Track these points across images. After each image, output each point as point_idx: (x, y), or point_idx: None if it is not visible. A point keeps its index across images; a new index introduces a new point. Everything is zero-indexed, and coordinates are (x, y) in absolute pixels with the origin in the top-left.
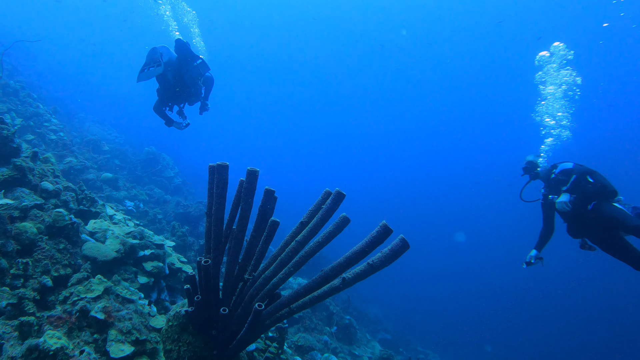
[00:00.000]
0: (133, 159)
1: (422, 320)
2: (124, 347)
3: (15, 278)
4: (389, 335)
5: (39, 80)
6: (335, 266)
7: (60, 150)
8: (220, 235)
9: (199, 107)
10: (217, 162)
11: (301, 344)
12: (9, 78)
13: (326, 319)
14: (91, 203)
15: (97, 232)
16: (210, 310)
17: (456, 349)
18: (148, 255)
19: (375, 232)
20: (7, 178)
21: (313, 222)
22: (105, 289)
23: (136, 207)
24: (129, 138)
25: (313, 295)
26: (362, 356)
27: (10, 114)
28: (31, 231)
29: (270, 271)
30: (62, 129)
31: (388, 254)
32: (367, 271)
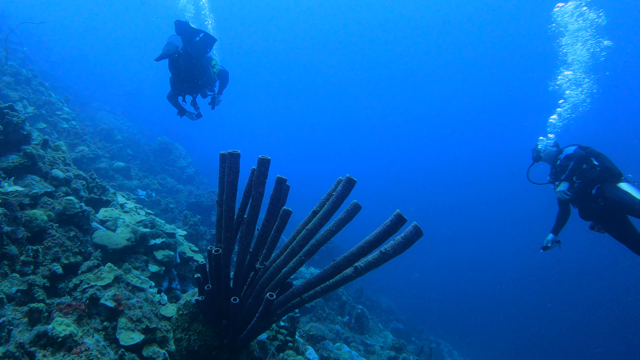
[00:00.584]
0: (146, 148)
1: (435, 310)
2: (134, 335)
3: (25, 265)
4: (401, 324)
5: (52, 69)
6: (347, 256)
7: (72, 139)
8: (231, 224)
9: (211, 100)
10: (229, 150)
11: (313, 334)
12: (22, 66)
13: (338, 309)
14: (102, 191)
15: (107, 221)
16: (220, 300)
17: (468, 339)
18: (159, 244)
19: (388, 221)
20: (18, 165)
21: (324, 209)
22: (116, 277)
23: (148, 197)
24: (142, 128)
25: (325, 284)
26: (374, 345)
27: (22, 102)
28: (41, 218)
29: (281, 260)
30: (74, 118)
31: (401, 241)
32: (380, 259)
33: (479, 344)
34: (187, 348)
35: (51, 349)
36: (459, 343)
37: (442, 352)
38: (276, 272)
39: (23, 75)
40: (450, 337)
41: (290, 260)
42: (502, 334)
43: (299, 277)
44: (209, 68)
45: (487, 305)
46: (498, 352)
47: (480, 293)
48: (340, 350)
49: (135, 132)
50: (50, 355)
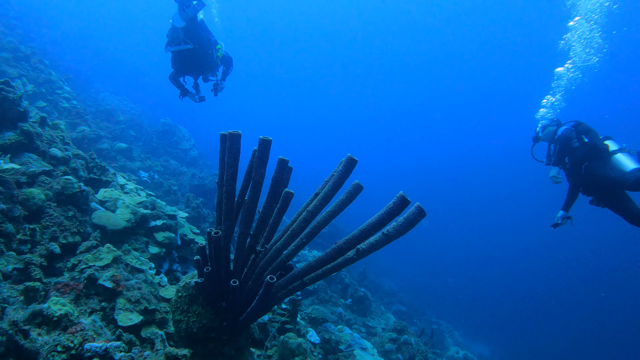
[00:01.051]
0: (149, 130)
1: (437, 292)
2: (132, 316)
3: (22, 243)
4: (403, 307)
5: (53, 48)
6: (349, 239)
7: (72, 119)
8: (231, 206)
9: (213, 87)
10: (229, 130)
11: (315, 316)
12: (20, 43)
13: (341, 291)
14: (102, 171)
15: (107, 201)
16: (220, 282)
17: (469, 321)
18: (159, 225)
19: (391, 204)
20: (14, 143)
21: (324, 190)
22: (115, 258)
23: (151, 178)
24: (145, 109)
25: (326, 267)
26: (376, 327)
27: (21, 79)
28: (39, 197)
29: (281, 243)
30: (75, 97)
31: (403, 222)
32: (382, 241)
33: (479, 326)
34: (186, 330)
35: (46, 328)
36: (459, 324)
37: (443, 332)
38: (277, 254)
39: (22, 52)
40: (451, 319)
41: (291, 243)
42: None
43: (301, 261)
44: (213, 47)
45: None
46: (500, 334)
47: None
48: (342, 332)
49: (138, 114)
50: (45, 334)
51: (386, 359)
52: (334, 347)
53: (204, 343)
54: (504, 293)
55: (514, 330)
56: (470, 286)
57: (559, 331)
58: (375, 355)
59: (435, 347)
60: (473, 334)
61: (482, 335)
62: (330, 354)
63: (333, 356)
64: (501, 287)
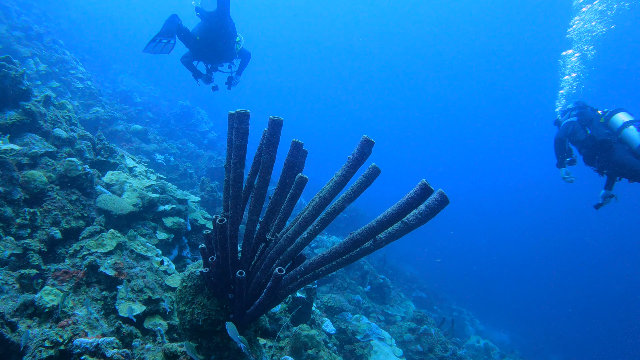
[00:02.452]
0: (167, 112)
1: (459, 278)
2: (134, 306)
3: (21, 228)
4: (424, 293)
5: (70, 28)
6: (365, 230)
7: (86, 99)
8: (239, 191)
9: (228, 80)
10: (237, 109)
11: (331, 305)
12: (35, 23)
13: (360, 278)
14: (109, 153)
15: (114, 184)
16: (226, 272)
17: (490, 307)
18: (168, 210)
19: (413, 192)
20: (16, 122)
21: (338, 175)
22: (118, 244)
23: (166, 161)
24: (165, 91)
25: (342, 258)
26: (395, 315)
27: (33, 59)
28: (40, 180)
29: (292, 231)
30: (89, 78)
31: (425, 210)
32: (402, 230)
33: (500, 312)
34: (191, 322)
35: (38, 320)
36: (480, 311)
37: (464, 320)
38: (287, 244)
39: (35, 31)
40: (472, 305)
41: (303, 231)
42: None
43: (320, 246)
44: (234, 38)
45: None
46: (520, 321)
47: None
48: (359, 321)
49: (157, 96)
50: (36, 326)
51: (405, 350)
52: (350, 338)
53: (209, 336)
54: (526, 279)
55: (535, 317)
56: (492, 272)
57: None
58: (393, 346)
59: (456, 335)
60: (494, 320)
61: (503, 322)
62: (346, 344)
63: (349, 346)
64: (523, 272)
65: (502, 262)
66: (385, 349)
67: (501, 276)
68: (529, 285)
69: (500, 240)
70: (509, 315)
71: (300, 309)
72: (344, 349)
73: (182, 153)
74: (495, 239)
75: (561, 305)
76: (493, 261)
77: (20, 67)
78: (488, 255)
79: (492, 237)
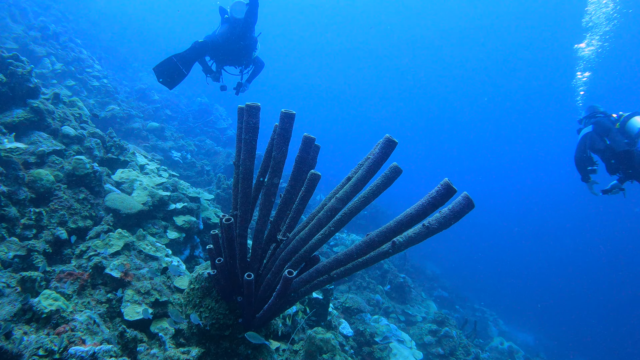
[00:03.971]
0: (185, 109)
1: (482, 277)
2: (140, 309)
3: (26, 228)
4: (445, 292)
5: (89, 28)
6: (384, 231)
7: (102, 97)
8: (249, 189)
9: (237, 86)
10: (247, 103)
11: (349, 306)
12: (53, 23)
13: (380, 277)
14: (120, 151)
15: (124, 182)
16: (235, 275)
17: (514, 307)
18: (180, 208)
19: (434, 192)
20: (23, 121)
21: (357, 175)
22: (126, 245)
23: (183, 158)
24: (185, 89)
25: (356, 261)
26: (415, 315)
27: (49, 58)
28: (47, 179)
29: (306, 232)
30: (105, 76)
31: (448, 214)
32: (422, 234)
33: (524, 312)
34: (198, 326)
35: (36, 325)
36: (504, 311)
37: (487, 320)
38: (300, 245)
39: (51, 30)
40: (495, 305)
41: (317, 232)
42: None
43: (339, 244)
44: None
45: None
46: (545, 323)
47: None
48: (378, 322)
49: (176, 93)
50: (33, 332)
51: (425, 352)
52: (368, 340)
53: (217, 341)
54: (553, 278)
55: (561, 318)
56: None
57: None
58: (413, 348)
59: (479, 336)
60: (517, 321)
61: (527, 322)
62: (364, 347)
63: (367, 348)
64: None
65: (528, 260)
66: (404, 352)
67: (526, 275)
68: (556, 284)
69: (527, 238)
70: (533, 315)
71: (316, 310)
72: (362, 352)
73: (199, 150)
74: (522, 237)
75: (590, 306)
76: (518, 259)
77: (28, 65)
78: (512, 253)
79: (518, 234)
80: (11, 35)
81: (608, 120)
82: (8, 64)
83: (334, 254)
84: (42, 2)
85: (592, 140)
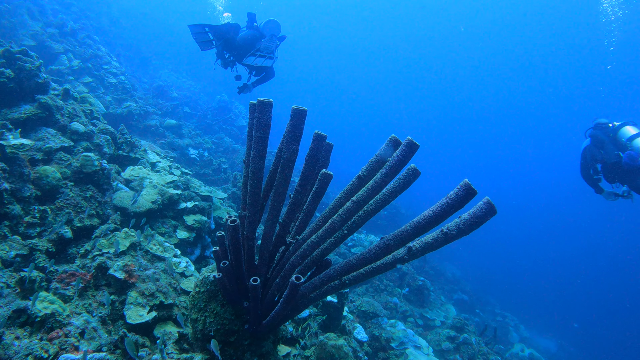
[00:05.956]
0: (204, 106)
1: (504, 280)
2: (144, 312)
3: (30, 227)
4: (465, 295)
5: (110, 26)
6: (399, 235)
7: (119, 94)
8: (258, 189)
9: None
10: (259, 98)
11: (365, 310)
12: (73, 20)
13: (398, 280)
14: (131, 148)
15: (133, 180)
16: (241, 278)
17: (536, 312)
18: (190, 207)
19: (454, 194)
20: (31, 117)
21: (375, 178)
22: (132, 244)
23: (200, 156)
24: (205, 86)
25: (369, 267)
26: (434, 320)
27: (66, 54)
28: (53, 176)
29: (317, 236)
30: (123, 73)
31: (468, 220)
32: (440, 240)
33: (546, 317)
34: (202, 331)
35: (30, 329)
36: (525, 315)
37: (508, 326)
38: (311, 248)
39: (68, 27)
40: (517, 309)
41: (330, 235)
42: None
43: (357, 245)
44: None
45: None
46: (569, 329)
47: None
48: (395, 327)
49: (196, 91)
50: (26, 337)
51: (443, 359)
52: (384, 345)
53: (221, 348)
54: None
55: (586, 324)
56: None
57: None
58: (430, 355)
59: (499, 342)
60: (539, 326)
61: (550, 328)
62: (380, 352)
63: (383, 354)
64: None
65: (551, 262)
66: (421, 359)
67: (549, 278)
68: (581, 289)
69: (550, 239)
70: (556, 320)
71: (330, 313)
72: (377, 358)
73: (217, 148)
74: (545, 238)
75: (618, 312)
76: (540, 261)
77: (37, 60)
78: (535, 255)
79: (541, 237)
80: (29, 33)
81: (603, 132)
82: (16, 58)
83: (352, 254)
84: (62, 0)
85: (592, 153)
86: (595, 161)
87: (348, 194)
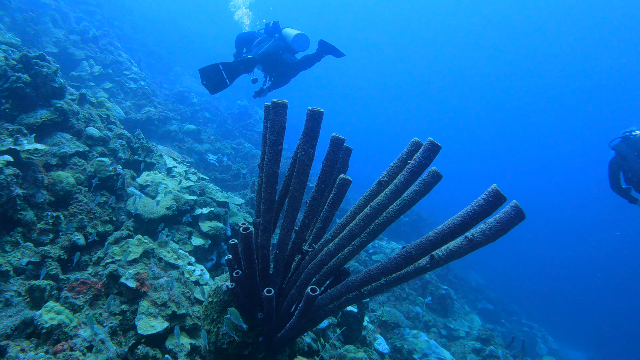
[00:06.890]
0: (224, 112)
1: (529, 288)
2: (156, 323)
3: (42, 233)
4: (490, 305)
5: (133, 34)
6: (421, 243)
7: (139, 100)
8: (272, 195)
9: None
10: (273, 100)
11: (386, 320)
12: (95, 27)
13: (420, 288)
14: (147, 153)
15: (148, 186)
16: (255, 289)
17: (564, 322)
18: (206, 213)
19: (481, 200)
20: (46, 121)
21: (395, 182)
22: (145, 252)
23: (219, 161)
24: (226, 92)
25: (391, 277)
26: (458, 330)
27: (88, 61)
28: (67, 181)
29: (334, 244)
30: (143, 78)
31: (494, 226)
32: (465, 247)
33: (578, 330)
34: (215, 344)
35: (36, 341)
36: (553, 326)
37: (536, 337)
38: (328, 257)
39: (90, 34)
40: (544, 320)
41: (348, 243)
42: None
43: (378, 252)
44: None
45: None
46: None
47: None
48: (417, 338)
49: (217, 96)
50: (32, 349)
51: None
52: (406, 357)
53: None
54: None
55: (619, 336)
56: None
57: None
58: None
59: (526, 354)
60: (569, 338)
61: (580, 339)
62: None
63: None
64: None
65: (580, 271)
66: None
67: (579, 286)
68: (614, 298)
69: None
70: (587, 331)
71: (350, 324)
72: None
73: (237, 153)
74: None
75: None
76: (569, 270)
77: (54, 64)
78: (562, 262)
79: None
80: (52, 40)
81: (626, 140)
82: (33, 63)
83: (373, 262)
84: (86, 8)
85: (618, 164)
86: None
87: (367, 200)
